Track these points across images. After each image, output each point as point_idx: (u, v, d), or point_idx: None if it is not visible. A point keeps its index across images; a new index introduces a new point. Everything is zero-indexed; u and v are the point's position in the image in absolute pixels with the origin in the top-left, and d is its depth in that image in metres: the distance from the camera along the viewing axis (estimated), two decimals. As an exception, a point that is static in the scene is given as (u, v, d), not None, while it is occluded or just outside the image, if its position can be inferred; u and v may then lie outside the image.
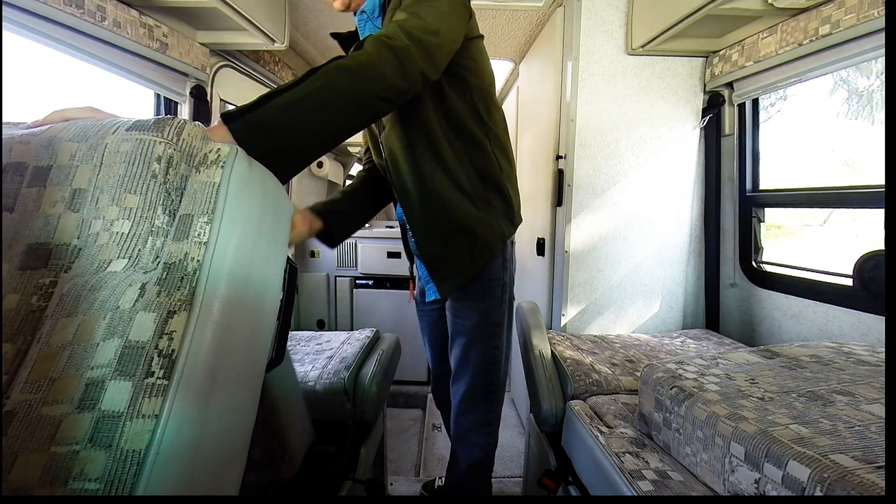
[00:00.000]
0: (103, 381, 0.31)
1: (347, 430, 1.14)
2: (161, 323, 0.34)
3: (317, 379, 1.13)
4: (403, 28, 0.72)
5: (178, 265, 0.37)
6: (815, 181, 1.32)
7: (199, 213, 0.39)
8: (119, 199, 0.37)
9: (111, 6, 1.12)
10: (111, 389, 0.31)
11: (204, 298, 0.37)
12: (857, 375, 0.78)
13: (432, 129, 0.92)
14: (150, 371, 0.32)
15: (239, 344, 0.42)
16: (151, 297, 0.34)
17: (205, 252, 0.38)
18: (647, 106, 1.54)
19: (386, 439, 1.55)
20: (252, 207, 0.45)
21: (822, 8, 1.10)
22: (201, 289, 0.37)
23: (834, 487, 0.50)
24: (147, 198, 0.38)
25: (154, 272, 0.36)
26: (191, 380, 0.34)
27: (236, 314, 0.40)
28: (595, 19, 1.51)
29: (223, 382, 0.38)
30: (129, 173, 0.38)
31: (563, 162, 1.60)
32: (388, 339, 1.48)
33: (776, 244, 1.62)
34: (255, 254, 0.45)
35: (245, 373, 0.44)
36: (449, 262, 1.00)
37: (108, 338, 0.33)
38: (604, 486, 0.83)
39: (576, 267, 1.57)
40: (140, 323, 0.33)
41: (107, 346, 0.32)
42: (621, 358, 1.25)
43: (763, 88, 1.37)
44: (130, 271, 0.36)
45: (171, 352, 0.33)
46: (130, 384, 0.32)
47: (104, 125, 0.42)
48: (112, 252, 0.36)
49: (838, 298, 1.17)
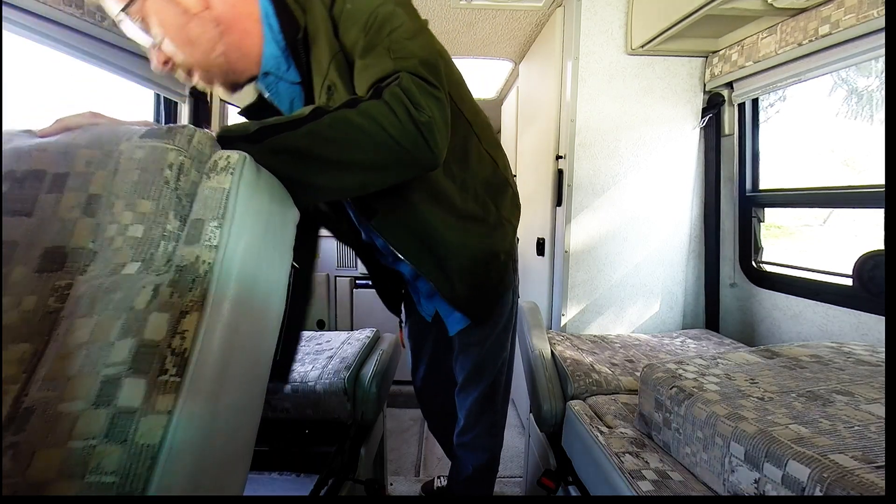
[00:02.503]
0: (119, 378, 0.33)
1: (347, 430, 1.14)
2: (174, 322, 0.35)
3: (317, 379, 1.13)
4: (417, 87, 0.61)
5: (189, 268, 0.38)
6: (815, 181, 1.32)
7: (210, 218, 0.41)
8: (133, 205, 0.39)
9: (111, 6, 1.12)
10: (126, 387, 0.33)
11: (214, 299, 0.38)
12: (856, 375, 0.78)
13: (428, 174, 0.77)
14: (163, 369, 0.34)
15: (246, 344, 0.44)
16: (165, 298, 0.36)
17: (215, 255, 0.40)
18: (646, 106, 1.54)
19: (386, 439, 1.55)
20: (260, 212, 0.47)
21: (821, 8, 1.10)
22: (212, 290, 0.38)
23: (833, 487, 0.50)
24: (160, 203, 0.40)
25: (167, 274, 0.38)
26: (202, 377, 0.36)
27: (244, 315, 0.42)
28: (595, 19, 1.51)
29: (231, 381, 0.40)
30: (143, 179, 0.40)
31: (563, 162, 1.60)
32: (388, 339, 1.48)
33: (776, 244, 1.62)
34: (262, 257, 0.47)
35: (251, 373, 0.45)
36: (483, 292, 0.94)
37: (123, 337, 0.34)
38: (604, 486, 0.83)
39: (576, 267, 1.58)
40: (154, 323, 0.35)
41: (122, 345, 0.34)
42: (621, 358, 1.25)
43: (763, 88, 1.37)
44: (144, 274, 0.37)
45: (184, 350, 0.35)
46: (145, 381, 0.33)
47: (118, 132, 0.43)
48: (126, 255, 0.38)
49: (838, 298, 1.17)
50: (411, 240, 0.83)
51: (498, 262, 0.93)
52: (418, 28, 0.69)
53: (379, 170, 0.62)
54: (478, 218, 0.87)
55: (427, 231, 0.82)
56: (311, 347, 1.35)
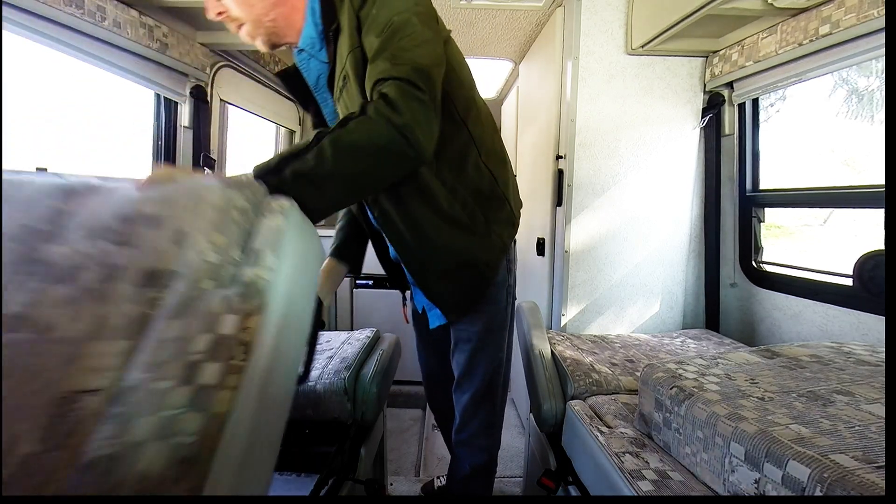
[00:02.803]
0: (201, 363, 0.44)
1: (347, 430, 1.14)
2: (241, 321, 0.48)
3: (317, 379, 1.13)
4: (400, 93, 0.68)
5: (252, 283, 0.52)
6: (815, 181, 1.32)
7: (267, 248, 0.55)
8: (210, 238, 0.52)
9: (111, 6, 1.12)
10: (206, 369, 0.44)
11: (270, 306, 0.52)
12: (857, 375, 0.78)
13: (420, 174, 0.85)
14: (232, 355, 0.46)
15: (288, 343, 0.57)
16: (234, 304, 0.49)
17: (270, 276, 0.53)
18: (647, 106, 1.54)
19: (386, 439, 1.55)
20: (300, 247, 0.62)
21: (821, 8, 1.10)
22: (268, 300, 0.52)
23: (834, 487, 0.50)
24: (230, 237, 0.54)
25: (235, 288, 0.51)
26: (259, 362, 0.49)
27: (287, 322, 0.56)
28: (595, 19, 1.51)
29: (277, 367, 0.53)
30: (218, 219, 0.54)
31: (563, 162, 1.60)
32: (388, 339, 1.48)
33: (776, 244, 1.62)
34: (300, 283, 0.61)
35: (285, 373, 0.58)
36: (456, 295, 0.98)
37: (203, 333, 0.46)
38: (604, 486, 0.83)
39: (576, 267, 1.58)
40: (226, 321, 0.47)
41: (203, 338, 0.46)
42: (621, 358, 1.25)
43: (763, 88, 1.37)
44: (217, 288, 0.50)
45: (248, 342, 0.48)
46: (220, 364, 0.45)
47: (199, 184, 0.57)
48: (204, 275, 0.50)
49: (838, 298, 1.17)
50: (401, 234, 0.92)
51: (476, 271, 0.96)
52: (428, 38, 0.76)
53: (376, 174, 0.72)
54: (462, 224, 0.92)
55: (415, 228, 0.90)
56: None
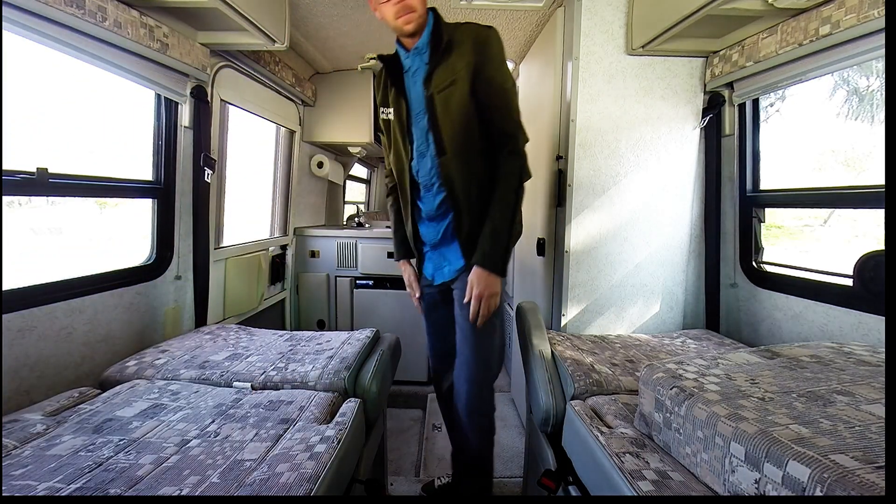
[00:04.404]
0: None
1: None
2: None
3: (317, 379, 1.13)
4: (520, 128, 1.21)
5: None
6: (816, 181, 1.32)
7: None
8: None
9: (112, 6, 1.12)
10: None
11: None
12: (857, 376, 0.78)
13: (478, 150, 1.21)
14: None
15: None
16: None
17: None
18: (647, 106, 1.54)
19: (386, 439, 1.55)
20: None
21: (822, 8, 1.10)
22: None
23: (834, 487, 0.50)
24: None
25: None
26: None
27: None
28: (595, 19, 1.51)
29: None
30: None
31: (563, 162, 1.60)
32: (388, 339, 1.48)
33: (776, 244, 1.62)
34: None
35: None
36: (491, 242, 1.24)
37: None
38: (604, 486, 0.83)
39: (576, 267, 1.58)
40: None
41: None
42: (621, 358, 1.25)
43: (763, 89, 1.37)
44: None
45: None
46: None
47: None
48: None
49: (839, 299, 1.17)
50: (468, 192, 1.22)
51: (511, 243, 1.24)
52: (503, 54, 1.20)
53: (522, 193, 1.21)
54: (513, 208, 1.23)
55: (481, 191, 1.23)
56: (312, 347, 1.34)
